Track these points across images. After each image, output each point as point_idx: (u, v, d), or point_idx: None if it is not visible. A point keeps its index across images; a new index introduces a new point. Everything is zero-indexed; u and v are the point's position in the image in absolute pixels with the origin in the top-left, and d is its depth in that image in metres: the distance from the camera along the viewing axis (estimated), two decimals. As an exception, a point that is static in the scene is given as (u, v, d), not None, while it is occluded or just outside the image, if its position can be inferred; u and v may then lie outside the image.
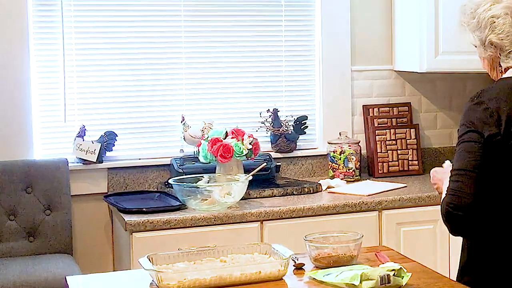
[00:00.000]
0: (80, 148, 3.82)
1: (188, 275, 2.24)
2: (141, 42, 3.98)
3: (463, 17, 2.45)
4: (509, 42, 2.38)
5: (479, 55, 2.48)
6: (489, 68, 2.48)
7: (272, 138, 4.17)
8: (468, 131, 2.28)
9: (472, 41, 2.45)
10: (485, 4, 2.39)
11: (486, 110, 2.29)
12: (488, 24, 2.38)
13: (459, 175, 2.26)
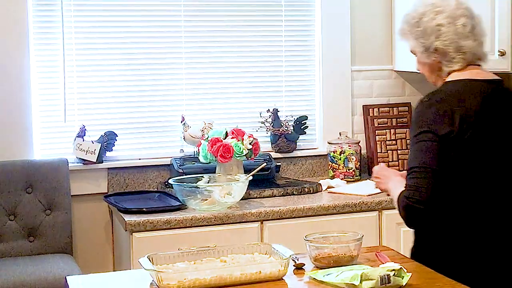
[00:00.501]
0: (80, 148, 3.82)
1: (188, 275, 2.24)
2: (141, 42, 3.99)
3: (406, 25, 2.64)
4: (452, 48, 2.56)
5: (419, 60, 2.65)
6: (429, 72, 2.67)
7: (272, 138, 4.17)
8: (423, 131, 2.44)
9: (414, 48, 2.62)
10: (429, 14, 2.58)
11: (438, 111, 2.46)
12: (434, 31, 2.57)
13: (417, 172, 2.39)
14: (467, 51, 2.57)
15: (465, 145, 2.43)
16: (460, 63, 2.58)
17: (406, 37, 2.65)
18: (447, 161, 2.41)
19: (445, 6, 2.60)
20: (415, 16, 2.61)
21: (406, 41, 2.67)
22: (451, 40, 2.56)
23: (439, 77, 2.64)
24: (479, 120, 2.46)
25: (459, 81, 2.56)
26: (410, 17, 2.63)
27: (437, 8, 2.59)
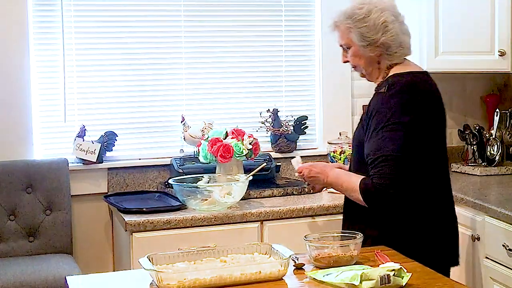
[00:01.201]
0: (80, 148, 3.82)
1: (188, 275, 2.24)
2: (141, 42, 3.99)
3: (350, 20, 2.79)
4: (395, 43, 2.78)
5: (356, 53, 2.82)
6: (366, 65, 2.83)
7: (272, 138, 4.17)
8: (389, 119, 2.64)
9: (355, 41, 2.79)
10: (376, 11, 2.77)
11: (401, 101, 2.67)
12: (382, 27, 2.77)
13: (391, 159, 2.61)
14: (405, 46, 2.81)
15: (425, 132, 2.68)
16: (400, 57, 2.81)
17: (346, 31, 2.81)
18: (411, 147, 2.63)
19: (386, 4, 2.82)
20: (362, 12, 2.77)
21: (339, 34, 2.85)
22: (396, 36, 2.78)
23: (378, 69, 2.83)
24: (434, 109, 2.75)
25: (408, 73, 2.77)
26: (355, 13, 2.78)
27: (380, 5, 2.80)
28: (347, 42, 2.83)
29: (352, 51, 2.83)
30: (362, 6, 2.79)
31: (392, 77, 2.77)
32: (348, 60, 2.88)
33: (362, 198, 2.67)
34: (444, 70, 4.14)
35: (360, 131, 2.82)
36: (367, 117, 2.74)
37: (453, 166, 4.30)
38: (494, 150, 4.16)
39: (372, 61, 2.82)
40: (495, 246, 3.35)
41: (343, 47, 2.87)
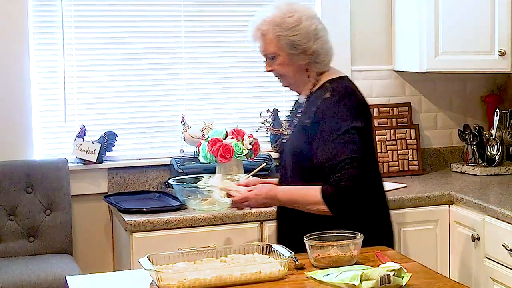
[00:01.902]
0: (80, 148, 3.82)
1: (188, 275, 2.24)
2: (141, 42, 3.99)
3: (279, 29, 2.75)
4: (324, 51, 2.80)
5: (286, 62, 2.79)
6: (294, 73, 2.82)
7: (272, 138, 4.17)
8: (343, 124, 2.65)
9: (284, 50, 2.75)
10: (306, 19, 2.76)
11: (348, 105, 2.70)
12: (313, 36, 2.77)
13: (354, 161, 2.62)
14: (331, 53, 2.84)
15: (369, 134, 2.77)
16: (327, 64, 2.83)
17: (275, 39, 2.76)
18: (365, 149, 2.69)
19: (311, 11, 2.84)
20: (293, 20, 2.75)
21: (265, 43, 2.78)
22: (325, 44, 2.81)
23: (306, 77, 2.83)
24: (369, 112, 2.80)
25: (342, 78, 2.82)
26: (285, 21, 2.75)
27: (308, 13, 2.79)
28: (275, 51, 2.79)
29: (281, 60, 2.80)
30: (292, 14, 2.77)
31: (330, 83, 2.78)
32: (273, 69, 2.84)
33: (326, 207, 2.64)
34: (444, 70, 4.14)
35: (298, 139, 2.78)
36: (313, 123, 2.71)
37: (453, 166, 4.30)
38: (494, 150, 4.16)
39: (300, 69, 2.81)
40: (495, 246, 3.35)
41: (269, 56, 2.82)
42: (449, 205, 3.74)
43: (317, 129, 2.69)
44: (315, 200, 2.65)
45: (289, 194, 2.74)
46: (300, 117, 2.82)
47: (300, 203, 2.71)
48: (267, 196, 2.77)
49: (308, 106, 2.79)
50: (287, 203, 2.76)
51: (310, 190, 2.67)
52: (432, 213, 3.74)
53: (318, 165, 2.68)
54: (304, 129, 2.75)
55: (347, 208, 2.65)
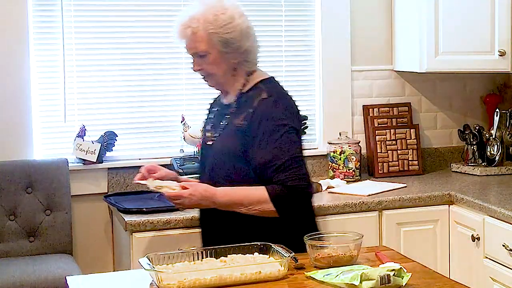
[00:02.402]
0: (80, 148, 3.82)
1: (188, 275, 2.24)
2: (141, 42, 3.98)
3: (212, 27, 2.67)
4: (254, 50, 2.76)
5: (217, 61, 2.71)
6: (223, 72, 2.75)
7: (272, 138, 4.16)
8: (283, 124, 2.63)
9: (220, 48, 2.68)
10: (239, 17, 2.70)
11: (285, 106, 2.69)
12: (246, 33, 2.71)
13: (299, 161, 2.64)
14: (258, 52, 2.79)
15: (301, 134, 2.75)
16: (256, 64, 2.79)
17: (207, 37, 2.67)
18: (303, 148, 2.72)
19: (241, 9, 2.74)
20: (226, 18, 2.68)
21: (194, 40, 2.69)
22: (255, 42, 2.76)
23: (234, 76, 2.77)
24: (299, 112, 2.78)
25: (271, 79, 2.79)
26: (218, 18, 2.67)
27: (239, 10, 2.72)
28: (206, 49, 2.70)
29: (212, 58, 2.72)
30: (224, 11, 2.69)
31: (263, 83, 2.75)
32: (202, 68, 2.76)
33: (273, 207, 2.60)
34: (444, 70, 4.14)
35: (232, 141, 2.70)
36: (250, 124, 2.66)
37: (453, 166, 4.30)
38: (494, 150, 4.16)
39: (230, 68, 2.75)
40: (495, 246, 3.35)
41: (199, 54, 2.73)
42: (449, 205, 3.74)
43: (257, 130, 2.64)
44: (261, 200, 2.60)
45: (231, 194, 2.64)
46: (231, 119, 2.74)
47: (243, 204, 2.63)
48: (202, 197, 2.63)
49: (240, 107, 2.73)
50: (226, 203, 2.65)
51: (254, 190, 2.62)
52: (432, 213, 3.74)
53: (260, 166, 2.62)
54: (239, 131, 2.68)
55: (294, 207, 2.64)
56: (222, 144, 2.74)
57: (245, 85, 2.76)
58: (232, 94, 2.80)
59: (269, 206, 2.60)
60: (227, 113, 2.78)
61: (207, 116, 2.99)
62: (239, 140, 2.68)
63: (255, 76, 2.78)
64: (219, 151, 2.75)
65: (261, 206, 2.61)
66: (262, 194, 2.60)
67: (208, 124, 2.91)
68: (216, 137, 2.79)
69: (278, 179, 2.60)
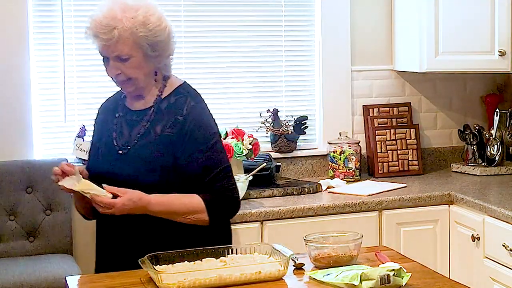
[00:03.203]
0: (80, 148, 3.81)
1: (188, 275, 2.24)
2: (141, 42, 3.98)
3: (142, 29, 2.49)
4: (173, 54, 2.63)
5: (141, 65, 2.54)
6: (145, 76, 2.57)
7: (272, 138, 4.17)
8: (214, 131, 2.58)
9: (147, 52, 2.51)
10: (165, 19, 2.56)
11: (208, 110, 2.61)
12: (171, 37, 2.59)
13: (230, 170, 2.58)
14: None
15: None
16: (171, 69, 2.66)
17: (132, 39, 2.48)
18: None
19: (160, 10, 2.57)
20: (155, 19, 2.52)
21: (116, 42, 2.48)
22: (175, 45, 2.63)
23: (154, 81, 2.61)
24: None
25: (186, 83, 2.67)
26: (148, 20, 2.50)
27: (163, 13, 2.56)
28: (130, 52, 2.51)
29: (135, 62, 2.53)
30: (153, 12, 2.53)
31: (183, 88, 2.63)
32: (121, 72, 2.56)
33: (207, 216, 2.53)
34: (444, 70, 4.15)
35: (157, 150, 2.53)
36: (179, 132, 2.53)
37: (453, 166, 4.30)
38: (494, 150, 4.16)
39: (152, 72, 2.59)
40: (495, 246, 3.36)
41: (121, 57, 2.52)
42: (449, 205, 3.75)
43: (189, 139, 2.52)
44: (197, 209, 2.52)
45: (166, 203, 2.51)
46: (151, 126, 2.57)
47: (178, 213, 2.51)
48: (136, 206, 2.46)
49: (162, 113, 2.58)
50: (160, 212, 2.50)
51: (189, 199, 2.52)
52: (432, 213, 3.74)
53: (194, 175, 2.52)
54: (165, 139, 2.54)
55: (227, 217, 2.62)
56: (142, 153, 2.54)
57: (163, 90, 2.62)
58: (149, 100, 2.62)
59: (204, 215, 2.53)
60: (143, 120, 2.60)
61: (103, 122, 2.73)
62: (165, 149, 2.52)
63: (172, 81, 2.65)
64: (138, 161, 2.54)
65: (197, 215, 2.52)
66: (198, 203, 2.51)
67: (110, 131, 2.65)
68: (130, 146, 2.58)
69: (213, 189, 2.53)
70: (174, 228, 2.54)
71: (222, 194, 2.55)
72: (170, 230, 2.54)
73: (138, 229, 2.54)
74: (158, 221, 2.52)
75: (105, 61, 2.60)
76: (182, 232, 2.55)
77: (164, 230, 2.54)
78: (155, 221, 2.51)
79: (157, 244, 2.48)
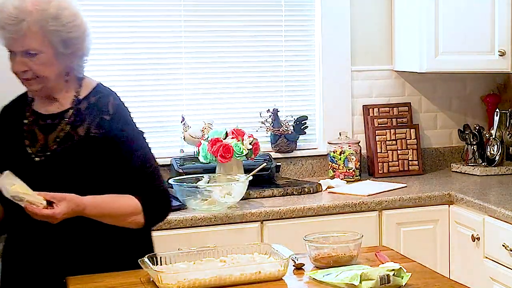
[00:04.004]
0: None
1: (188, 275, 2.24)
2: (141, 42, 3.98)
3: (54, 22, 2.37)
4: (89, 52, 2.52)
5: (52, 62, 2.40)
6: (56, 76, 2.43)
7: (272, 138, 4.17)
8: (137, 129, 2.54)
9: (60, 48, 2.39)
10: (80, 15, 2.44)
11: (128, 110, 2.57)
12: (86, 34, 2.46)
13: (158, 170, 2.56)
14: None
15: None
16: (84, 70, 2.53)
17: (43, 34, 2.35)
18: None
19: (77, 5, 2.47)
20: (70, 14, 2.41)
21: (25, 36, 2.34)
22: (91, 44, 2.50)
23: (67, 82, 2.49)
24: None
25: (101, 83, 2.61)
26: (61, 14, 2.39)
27: (78, 8, 2.47)
28: (39, 47, 2.36)
29: (44, 58, 2.38)
30: (67, 6, 2.41)
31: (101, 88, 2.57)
32: (29, 69, 2.39)
33: (143, 218, 2.47)
34: (444, 70, 4.15)
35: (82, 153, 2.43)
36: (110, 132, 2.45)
37: (453, 166, 4.30)
38: (494, 150, 4.16)
39: (62, 72, 2.45)
40: (495, 246, 3.36)
41: (29, 52, 2.36)
42: (449, 205, 3.74)
43: (119, 138, 2.46)
44: (133, 211, 2.45)
45: (102, 205, 2.42)
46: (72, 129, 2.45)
47: (113, 215, 2.44)
48: (74, 212, 2.36)
49: (83, 114, 2.47)
50: (95, 216, 2.41)
51: (125, 200, 2.44)
52: (432, 213, 3.74)
53: (129, 174, 2.45)
54: (92, 141, 2.44)
55: (161, 218, 2.58)
56: (66, 157, 2.43)
57: (80, 91, 2.51)
58: (64, 102, 2.49)
59: (140, 217, 2.47)
60: (61, 123, 2.47)
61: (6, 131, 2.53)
62: (93, 150, 2.43)
63: (87, 81, 2.55)
64: (61, 166, 2.42)
65: (133, 217, 2.46)
66: (135, 205, 2.45)
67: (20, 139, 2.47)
68: (49, 152, 2.44)
69: (147, 189, 2.48)
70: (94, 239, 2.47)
71: (157, 194, 2.50)
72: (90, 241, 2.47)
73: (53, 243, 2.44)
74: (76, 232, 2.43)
75: (12, 56, 2.41)
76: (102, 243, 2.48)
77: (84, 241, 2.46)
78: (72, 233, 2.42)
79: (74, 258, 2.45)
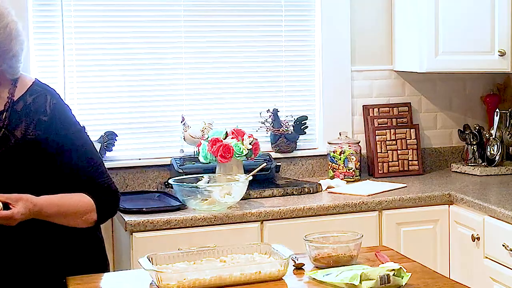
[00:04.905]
0: (80, 148, 3.81)
1: (188, 275, 2.24)
2: (141, 42, 3.98)
3: None
4: (21, 53, 2.42)
5: None
6: None
7: (272, 138, 4.17)
8: (78, 125, 2.50)
9: None
10: (8, 16, 2.37)
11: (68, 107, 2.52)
12: (16, 35, 2.38)
13: (103, 166, 2.51)
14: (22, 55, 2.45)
15: None
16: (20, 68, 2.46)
17: None
18: None
19: (6, 5, 2.40)
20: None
21: None
22: (23, 45, 2.43)
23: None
24: None
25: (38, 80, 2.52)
26: None
27: (8, 9, 2.40)
28: None
29: None
30: None
31: (38, 86, 2.48)
32: None
33: (95, 215, 2.45)
34: (444, 70, 4.15)
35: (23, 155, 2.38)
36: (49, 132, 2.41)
37: (453, 166, 4.30)
38: (494, 150, 4.16)
39: None
40: (495, 246, 3.36)
41: None
42: (449, 205, 3.75)
43: (60, 138, 2.42)
44: (87, 209, 2.43)
45: (58, 206, 2.39)
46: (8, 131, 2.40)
47: (68, 214, 2.41)
48: (31, 213, 2.33)
49: (19, 116, 2.41)
50: (51, 215, 2.39)
51: (78, 198, 2.42)
52: (432, 213, 3.74)
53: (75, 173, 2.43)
54: (30, 143, 2.39)
55: (111, 214, 2.56)
56: (3, 161, 2.37)
57: (14, 92, 2.44)
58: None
59: (93, 215, 2.45)
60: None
61: None
62: (32, 152, 2.39)
63: (23, 80, 2.48)
64: (2, 171, 2.38)
65: (87, 215, 2.44)
66: (88, 202, 2.43)
67: None
68: None
69: (95, 186, 2.45)
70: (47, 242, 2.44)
71: (105, 190, 2.48)
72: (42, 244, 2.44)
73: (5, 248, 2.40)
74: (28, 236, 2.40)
75: None
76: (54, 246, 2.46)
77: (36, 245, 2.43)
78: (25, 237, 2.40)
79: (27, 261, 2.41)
